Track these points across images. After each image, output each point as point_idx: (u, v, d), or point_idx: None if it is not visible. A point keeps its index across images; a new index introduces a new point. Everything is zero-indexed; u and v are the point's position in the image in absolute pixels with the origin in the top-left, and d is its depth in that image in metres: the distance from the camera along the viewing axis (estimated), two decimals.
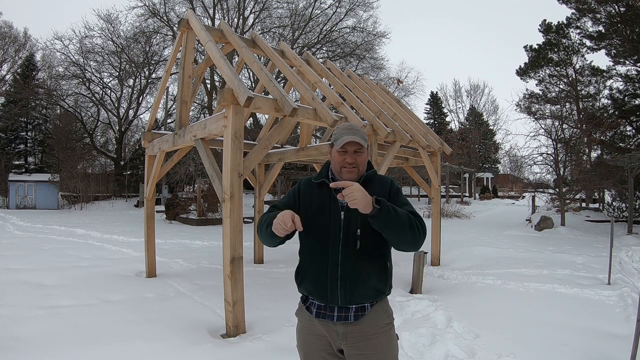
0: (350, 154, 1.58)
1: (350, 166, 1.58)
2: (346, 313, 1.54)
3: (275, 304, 4.50)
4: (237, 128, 3.68)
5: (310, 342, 1.63)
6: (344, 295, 1.52)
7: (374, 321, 1.56)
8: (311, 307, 1.61)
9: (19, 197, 22.66)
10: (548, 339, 3.48)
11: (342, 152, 1.59)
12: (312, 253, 1.60)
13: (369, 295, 1.55)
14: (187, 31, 5.18)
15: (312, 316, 1.59)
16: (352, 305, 1.54)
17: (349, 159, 1.58)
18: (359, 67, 23.16)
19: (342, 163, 1.59)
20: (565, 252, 8.26)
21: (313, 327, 1.61)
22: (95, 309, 4.16)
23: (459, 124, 42.07)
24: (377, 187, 1.62)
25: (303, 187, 1.68)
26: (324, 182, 1.62)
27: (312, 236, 1.59)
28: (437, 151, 7.45)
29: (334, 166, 1.63)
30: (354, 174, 1.59)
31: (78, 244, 9.11)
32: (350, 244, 1.53)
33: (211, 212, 15.94)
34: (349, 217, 1.54)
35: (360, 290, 1.53)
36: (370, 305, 1.57)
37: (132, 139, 30.37)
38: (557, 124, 14.75)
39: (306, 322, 1.64)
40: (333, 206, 1.58)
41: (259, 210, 7.53)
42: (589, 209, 16.36)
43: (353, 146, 1.58)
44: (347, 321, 1.54)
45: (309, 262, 1.61)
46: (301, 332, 1.67)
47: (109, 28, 23.15)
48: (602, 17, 15.23)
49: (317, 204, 1.60)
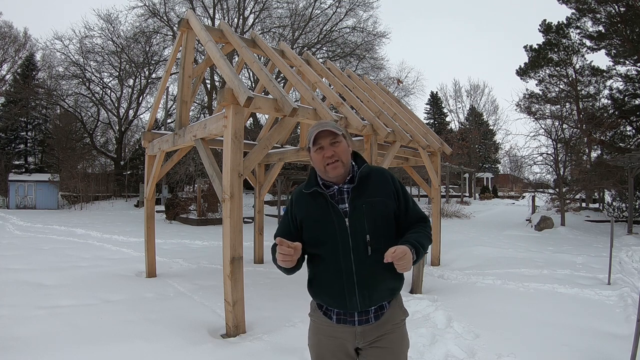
0: (327, 147, 1.50)
1: (331, 160, 1.50)
2: (366, 316, 1.53)
3: (275, 304, 4.50)
4: (237, 128, 3.67)
5: (325, 343, 1.59)
6: (362, 301, 1.50)
7: (391, 317, 1.56)
8: (330, 313, 1.57)
9: (19, 197, 22.65)
10: (548, 339, 3.48)
11: (318, 149, 1.52)
12: (323, 263, 1.54)
13: (386, 296, 1.55)
14: (187, 31, 5.18)
15: (333, 322, 1.56)
16: (371, 307, 1.53)
17: (327, 152, 1.50)
18: (359, 67, 23.16)
19: (322, 161, 1.51)
20: (565, 252, 8.26)
21: (329, 329, 1.58)
22: (95, 309, 4.15)
23: (459, 124, 42.12)
24: (378, 183, 1.56)
25: (296, 202, 1.61)
26: (317, 191, 1.54)
27: (320, 247, 1.53)
28: (437, 151, 7.44)
29: (318, 168, 1.55)
30: (340, 168, 1.51)
31: (78, 244, 9.11)
32: (361, 250, 1.48)
33: (211, 212, 15.94)
34: (355, 224, 1.49)
35: (377, 294, 1.52)
36: (388, 304, 1.56)
37: (132, 139, 30.37)
38: (557, 124, 14.76)
39: (322, 324, 1.60)
40: (334, 214, 1.51)
41: (259, 210, 7.53)
42: (589, 209, 16.35)
43: (327, 138, 1.51)
44: (368, 323, 1.53)
45: (321, 272, 1.55)
46: (315, 333, 1.63)
47: (109, 28, 23.17)
48: (602, 17, 15.23)
49: (316, 214, 1.54)
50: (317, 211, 1.53)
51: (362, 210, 1.50)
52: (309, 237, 1.55)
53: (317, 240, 1.52)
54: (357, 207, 1.51)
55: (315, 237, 1.52)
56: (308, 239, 1.55)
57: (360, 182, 1.55)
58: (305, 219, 1.56)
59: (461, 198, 27.08)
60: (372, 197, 1.52)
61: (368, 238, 1.48)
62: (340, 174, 1.53)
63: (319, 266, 1.55)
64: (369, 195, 1.53)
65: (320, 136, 1.52)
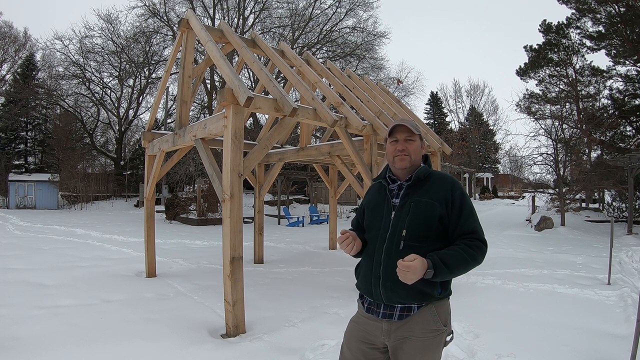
0: (401, 142, 1.61)
1: (401, 154, 1.60)
2: (391, 311, 1.55)
3: (275, 304, 4.50)
4: (237, 128, 3.67)
5: (355, 332, 1.67)
6: (385, 293, 1.53)
7: (419, 324, 1.53)
8: (364, 301, 1.67)
9: (19, 197, 22.64)
10: (548, 339, 3.48)
11: (393, 141, 1.63)
12: (366, 250, 1.65)
13: (413, 297, 1.51)
14: (187, 31, 5.18)
15: (364, 310, 1.65)
16: (397, 304, 1.54)
17: (399, 146, 1.61)
18: (359, 67, 23.17)
19: (394, 152, 1.62)
20: (565, 252, 8.26)
21: (361, 319, 1.66)
22: (95, 309, 4.15)
23: (459, 124, 42.08)
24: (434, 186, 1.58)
25: (370, 189, 1.78)
26: (381, 182, 1.69)
27: (368, 234, 1.66)
28: (437, 151, 7.44)
29: (388, 158, 1.67)
30: (406, 161, 1.61)
31: (78, 244, 9.11)
32: (394, 243, 1.53)
33: (211, 212, 15.93)
34: (398, 218, 1.56)
35: (401, 290, 1.50)
36: (417, 307, 1.53)
37: (132, 139, 30.38)
38: (557, 124, 14.76)
39: (358, 312, 1.71)
40: (386, 206, 1.62)
41: (259, 210, 7.53)
42: (589, 209, 16.35)
43: (403, 133, 1.62)
44: (391, 319, 1.55)
45: (363, 259, 1.67)
46: (352, 321, 1.73)
47: (109, 28, 23.21)
48: (602, 17, 15.23)
49: (374, 203, 1.67)
50: (376, 200, 1.68)
51: (408, 207, 1.56)
52: (366, 223, 1.71)
53: (368, 226, 1.67)
54: (406, 203, 1.58)
55: (368, 223, 1.67)
56: (365, 224, 1.71)
57: (417, 181, 1.61)
58: (367, 205, 1.72)
59: None
60: (422, 197, 1.57)
61: (404, 233, 1.53)
62: (405, 167, 1.62)
63: (364, 253, 1.67)
64: (420, 195, 1.58)
65: (397, 130, 1.63)
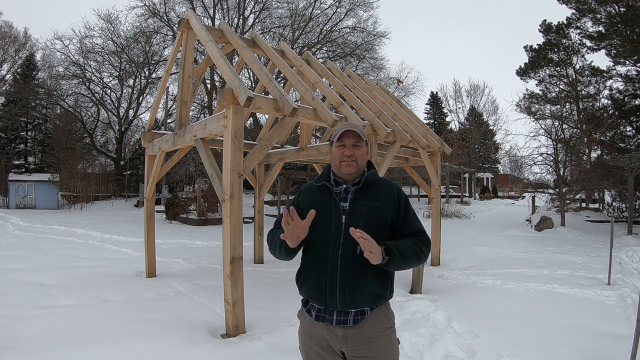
0: (349, 147, 1.58)
1: (349, 159, 1.57)
2: (345, 317, 1.52)
3: (275, 304, 4.50)
4: (237, 128, 3.67)
5: (311, 344, 1.62)
6: (343, 299, 1.50)
7: (374, 325, 1.54)
8: (311, 310, 1.60)
9: (19, 196, 22.64)
10: (548, 339, 3.48)
11: (340, 145, 1.60)
12: (312, 256, 1.58)
13: (369, 300, 1.53)
14: (187, 31, 5.18)
15: (312, 319, 1.59)
16: (351, 309, 1.52)
17: (347, 151, 1.58)
18: (359, 67, 23.16)
19: (340, 157, 1.59)
20: (565, 252, 8.26)
21: (314, 330, 1.60)
22: (95, 309, 4.15)
23: (459, 124, 42.08)
24: (382, 191, 1.59)
25: (303, 192, 1.69)
26: (325, 185, 1.61)
27: (313, 239, 1.56)
28: (437, 151, 7.45)
29: (334, 162, 1.63)
30: (353, 167, 1.58)
31: (78, 244, 9.10)
32: (350, 248, 1.49)
33: (211, 212, 15.93)
34: (351, 222, 1.50)
35: (359, 296, 1.50)
36: (370, 310, 1.54)
37: (132, 139, 30.38)
38: (557, 124, 14.75)
39: (307, 325, 1.63)
40: (334, 209, 1.56)
41: (259, 210, 7.53)
42: (589, 209, 16.36)
43: (351, 139, 1.59)
44: (346, 325, 1.52)
45: (309, 265, 1.59)
46: (303, 334, 1.66)
47: (109, 28, 23.20)
48: (602, 17, 15.23)
49: (318, 204, 1.58)
50: (320, 203, 1.59)
51: (360, 211, 1.54)
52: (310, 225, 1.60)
53: (313, 228, 1.53)
54: (357, 207, 1.55)
55: (313, 225, 1.53)
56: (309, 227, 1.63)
57: (365, 185, 1.59)
58: (307, 207, 1.58)
59: (461, 198, 27.07)
60: (373, 201, 1.56)
61: None
62: (352, 173, 1.59)
63: (309, 256, 1.59)
64: (370, 199, 1.57)
65: (346, 135, 1.60)
